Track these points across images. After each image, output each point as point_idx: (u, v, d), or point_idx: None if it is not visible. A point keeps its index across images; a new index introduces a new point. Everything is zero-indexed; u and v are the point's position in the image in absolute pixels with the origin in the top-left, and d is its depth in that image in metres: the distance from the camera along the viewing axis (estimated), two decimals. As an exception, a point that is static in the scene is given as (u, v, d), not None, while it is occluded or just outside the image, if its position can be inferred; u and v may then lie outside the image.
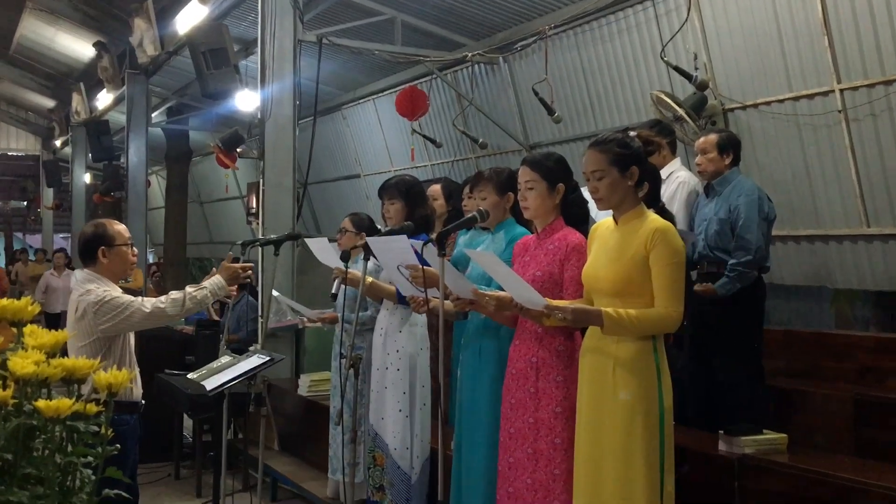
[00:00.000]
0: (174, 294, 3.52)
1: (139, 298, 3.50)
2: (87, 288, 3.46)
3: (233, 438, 6.06)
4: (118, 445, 1.82)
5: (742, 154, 4.49)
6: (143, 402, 3.58)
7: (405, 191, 4.03)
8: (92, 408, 1.75)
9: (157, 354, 6.21)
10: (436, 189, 5.05)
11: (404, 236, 3.32)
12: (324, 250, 4.18)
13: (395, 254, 3.30)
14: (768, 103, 5.61)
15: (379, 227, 4.63)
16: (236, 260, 3.79)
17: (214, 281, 3.58)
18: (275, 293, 5.14)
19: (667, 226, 2.78)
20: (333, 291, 3.98)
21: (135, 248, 3.65)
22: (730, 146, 4.34)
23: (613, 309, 2.71)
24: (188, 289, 3.54)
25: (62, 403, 1.67)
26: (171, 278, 12.27)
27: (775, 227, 4.65)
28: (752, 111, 5.74)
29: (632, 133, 2.92)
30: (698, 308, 4.24)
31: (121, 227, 3.62)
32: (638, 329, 2.71)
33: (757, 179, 5.23)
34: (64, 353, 1.98)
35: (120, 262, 3.57)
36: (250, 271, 3.66)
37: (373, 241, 3.42)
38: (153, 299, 3.50)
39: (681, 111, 5.53)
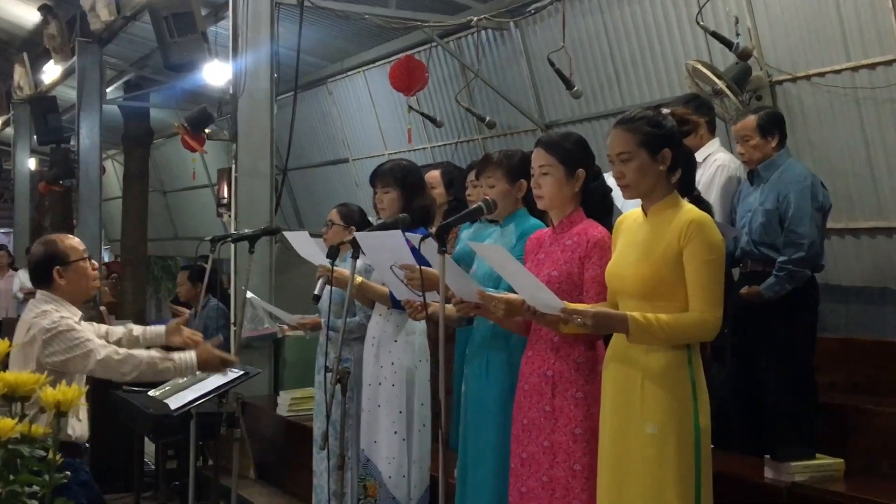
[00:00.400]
0: (135, 353, 3.53)
1: (97, 340, 3.52)
2: (44, 309, 3.49)
3: (202, 466, 6.07)
4: (68, 473, 1.83)
5: (791, 134, 4.51)
6: (88, 445, 3.59)
7: (401, 177, 4.04)
8: (38, 429, 1.76)
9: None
10: (434, 176, 5.06)
11: (399, 231, 3.32)
12: (306, 245, 4.17)
13: (387, 251, 3.29)
14: (822, 74, 5.61)
15: (371, 219, 4.64)
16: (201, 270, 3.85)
17: (186, 359, 3.59)
18: (249, 296, 5.15)
19: (703, 217, 2.78)
20: (316, 293, 4.00)
21: (93, 262, 3.70)
22: (773, 126, 4.34)
23: (641, 313, 2.72)
24: (153, 353, 3.57)
25: (4, 424, 1.68)
26: (130, 280, 12.30)
27: (831, 218, 4.66)
28: (803, 84, 5.74)
29: (664, 110, 2.93)
30: (741, 313, 4.26)
31: (74, 242, 3.68)
32: (669, 337, 2.72)
33: (809, 163, 5.23)
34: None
35: (79, 280, 3.62)
36: (231, 369, 3.70)
37: (362, 237, 3.41)
38: (110, 347, 3.53)
39: (720, 84, 5.53)
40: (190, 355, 3.60)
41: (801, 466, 3.42)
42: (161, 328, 3.92)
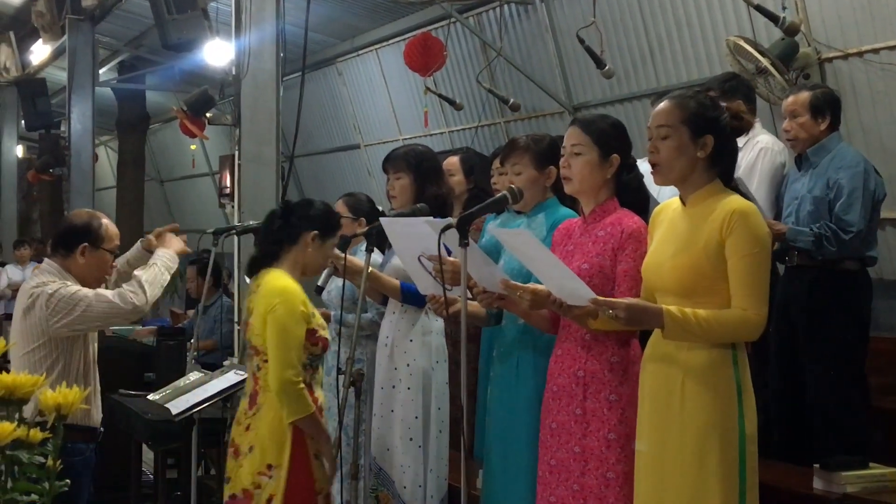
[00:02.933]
0: (127, 286, 3.71)
1: (92, 293, 3.63)
2: (44, 279, 3.58)
3: (204, 475, 6.11)
4: (68, 481, 1.86)
5: (843, 115, 4.48)
6: (102, 429, 3.66)
7: (416, 164, 4.05)
8: (37, 434, 1.79)
9: (110, 370, 6.25)
10: (453, 162, 5.06)
11: (430, 218, 3.31)
12: None
13: (415, 240, 3.27)
14: (876, 51, 5.58)
15: (381, 209, 4.65)
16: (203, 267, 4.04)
17: (160, 254, 3.88)
18: None
19: (748, 207, 2.78)
20: (320, 283, 4.01)
21: (116, 261, 3.88)
22: (826, 107, 4.33)
23: (678, 307, 2.72)
24: (137, 273, 3.77)
25: (1, 429, 1.70)
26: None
27: (885, 207, 4.63)
28: (855, 61, 5.71)
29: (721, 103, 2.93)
30: (785, 310, 4.25)
31: (114, 231, 3.81)
32: (708, 334, 2.72)
33: (860, 147, 5.21)
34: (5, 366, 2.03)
35: (96, 269, 3.75)
36: (179, 235, 3.93)
37: (389, 223, 3.41)
38: (108, 292, 3.66)
39: (765, 62, 5.51)
40: (160, 250, 3.93)
41: (853, 476, 3.42)
42: (136, 245, 4.15)
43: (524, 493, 3.21)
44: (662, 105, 2.89)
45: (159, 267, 3.82)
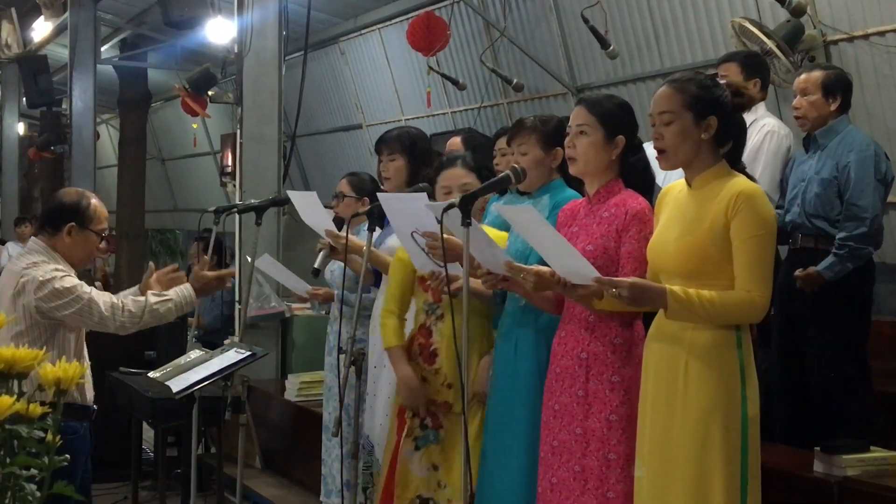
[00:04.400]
0: (130, 301, 3.60)
1: (95, 290, 3.58)
2: (34, 260, 3.53)
3: (204, 453, 6.12)
4: (67, 456, 1.86)
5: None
6: (96, 407, 3.65)
7: (409, 145, 4.07)
8: (36, 409, 1.78)
9: (109, 348, 6.25)
10: (455, 142, 5.04)
11: (424, 194, 3.33)
12: (311, 207, 4.14)
13: (410, 216, 3.29)
14: (882, 33, 5.56)
15: (384, 189, 4.64)
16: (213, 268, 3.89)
17: (182, 292, 3.69)
18: (265, 262, 5.12)
19: (753, 188, 2.78)
20: (316, 266, 4.00)
21: (103, 243, 3.77)
22: (838, 88, 4.31)
23: (682, 288, 2.72)
24: (150, 297, 3.64)
25: (1, 402, 1.70)
26: (126, 254, 12.37)
27: (890, 192, 4.62)
28: (861, 44, 5.69)
29: (721, 80, 2.92)
30: (788, 292, 4.24)
31: (103, 212, 3.75)
32: (711, 315, 2.72)
33: (865, 130, 5.19)
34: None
35: (82, 249, 3.69)
36: (230, 282, 3.75)
37: (386, 199, 3.43)
38: (106, 295, 3.59)
39: (770, 44, 5.49)
40: (185, 288, 3.71)
41: (853, 460, 3.41)
42: (133, 289, 3.96)
43: (522, 471, 3.22)
44: (663, 90, 2.88)
45: (174, 304, 3.66)
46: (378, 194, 3.47)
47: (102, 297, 3.56)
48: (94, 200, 3.73)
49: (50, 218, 3.68)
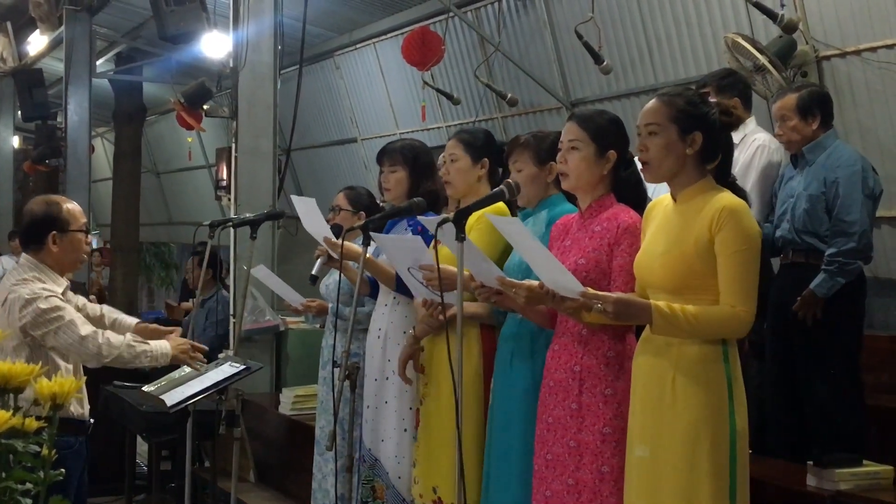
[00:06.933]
0: (111, 333, 3.66)
1: (79, 316, 3.60)
2: (25, 277, 3.53)
3: (198, 467, 6.11)
4: (63, 470, 1.87)
5: (839, 114, 4.49)
6: (92, 421, 3.65)
7: (412, 157, 4.07)
8: (32, 423, 1.79)
9: (105, 362, 6.28)
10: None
11: (419, 238, 3.40)
12: (312, 215, 4.14)
13: (406, 253, 3.37)
14: (874, 49, 5.59)
15: (381, 203, 4.66)
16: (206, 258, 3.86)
17: (161, 346, 3.76)
18: (260, 273, 5.11)
19: (737, 204, 2.79)
20: (314, 273, 4.00)
21: (90, 237, 3.75)
22: (814, 106, 4.33)
23: (666, 303, 2.73)
24: (129, 338, 3.70)
25: (-4, 417, 1.71)
26: (120, 267, 12.36)
27: (881, 205, 4.65)
28: (853, 59, 5.72)
29: (711, 98, 2.94)
30: (781, 307, 4.26)
31: (76, 209, 3.73)
32: (696, 330, 2.73)
33: (858, 145, 5.22)
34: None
35: (72, 252, 3.68)
36: (202, 360, 3.89)
37: (381, 239, 3.49)
38: (90, 326, 3.61)
39: (762, 59, 5.52)
40: (164, 343, 3.78)
41: (846, 474, 3.42)
42: (132, 322, 4.05)
43: (518, 483, 3.23)
44: (651, 103, 2.90)
45: (151, 354, 3.73)
46: (373, 234, 3.45)
47: (85, 326, 3.59)
48: (64, 203, 3.72)
49: (30, 234, 3.68)
